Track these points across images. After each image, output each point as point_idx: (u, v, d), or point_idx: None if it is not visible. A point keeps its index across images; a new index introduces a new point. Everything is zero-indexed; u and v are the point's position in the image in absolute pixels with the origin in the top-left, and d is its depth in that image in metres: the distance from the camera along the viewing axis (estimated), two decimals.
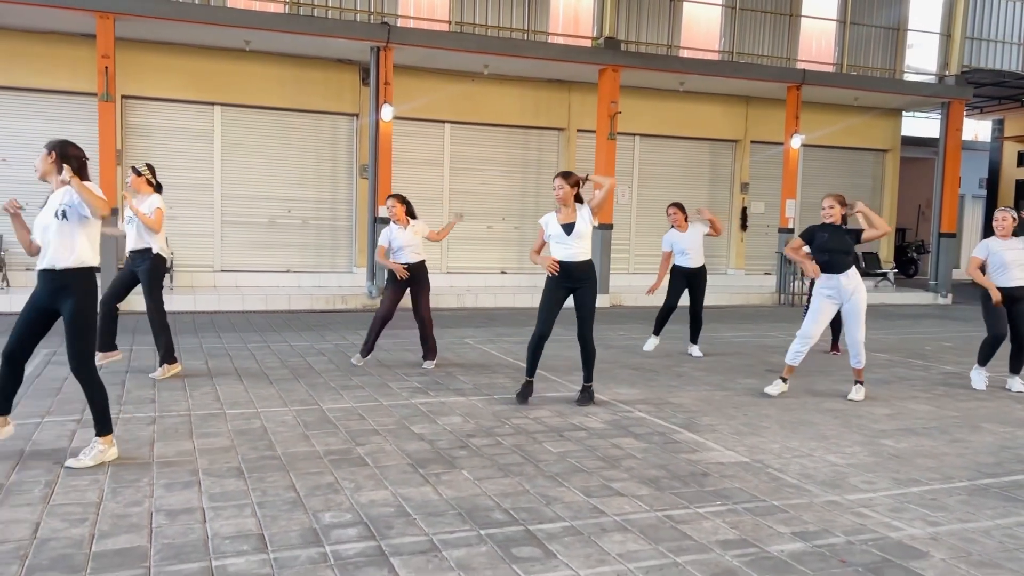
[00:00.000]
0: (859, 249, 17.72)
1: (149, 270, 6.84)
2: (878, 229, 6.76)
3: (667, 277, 8.99)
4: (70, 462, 4.46)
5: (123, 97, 12.83)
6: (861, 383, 6.92)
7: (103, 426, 4.55)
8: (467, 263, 15.39)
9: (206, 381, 6.82)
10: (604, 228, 14.44)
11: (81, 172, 4.50)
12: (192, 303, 11.99)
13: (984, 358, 7.52)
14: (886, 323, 12.94)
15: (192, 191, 13.61)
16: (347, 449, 4.92)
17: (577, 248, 6.14)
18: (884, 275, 18.00)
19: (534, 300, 13.93)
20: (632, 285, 15.15)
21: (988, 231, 22.13)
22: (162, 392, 6.34)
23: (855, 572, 3.37)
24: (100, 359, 7.10)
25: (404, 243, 7.61)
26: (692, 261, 8.83)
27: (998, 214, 7.36)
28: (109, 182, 11.54)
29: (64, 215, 4.41)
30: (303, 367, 7.59)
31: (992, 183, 22.30)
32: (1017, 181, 21.43)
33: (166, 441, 4.98)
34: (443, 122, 15.02)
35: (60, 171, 4.47)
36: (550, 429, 5.55)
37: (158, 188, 7.08)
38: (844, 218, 6.82)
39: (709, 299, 9.40)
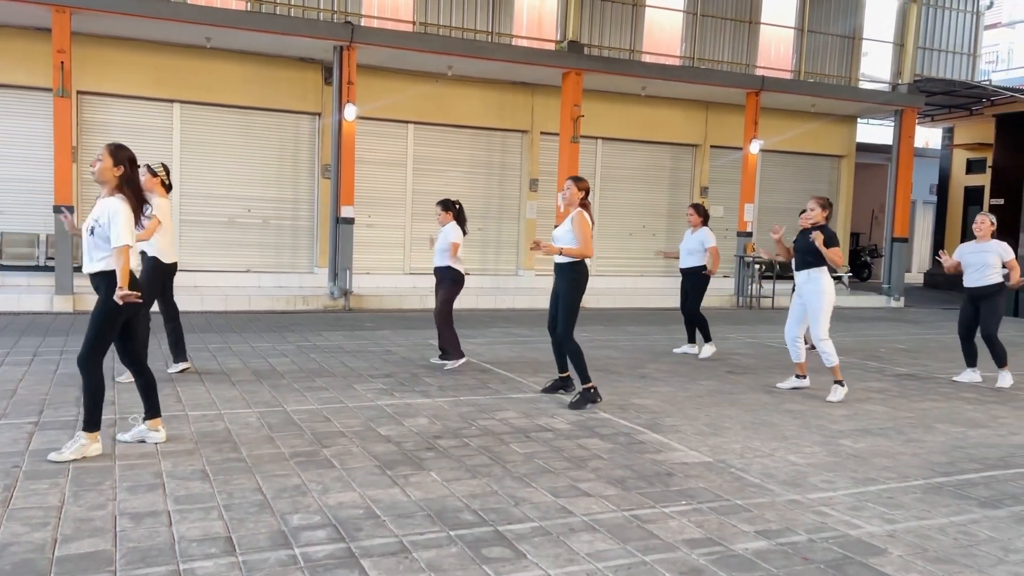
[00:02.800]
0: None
1: (145, 272, 6.72)
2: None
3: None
4: (52, 455, 4.49)
5: (79, 93, 12.56)
6: (839, 383, 7.05)
7: (89, 422, 4.60)
8: (430, 264, 15.28)
9: (167, 383, 6.70)
10: None
11: (133, 176, 4.71)
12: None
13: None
14: (841, 325, 13.21)
15: None
16: (313, 451, 4.89)
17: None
18: (839, 278, 18.36)
19: (497, 301, 13.99)
20: (593, 287, 15.15)
21: (938, 235, 22.77)
22: (122, 394, 6.22)
23: (817, 569, 3.45)
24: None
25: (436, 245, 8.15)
26: (682, 261, 9.27)
27: (978, 217, 8.07)
28: (64, 180, 11.30)
29: (92, 232, 4.62)
30: (265, 368, 7.51)
31: (942, 189, 22.88)
32: (966, 188, 22.02)
33: (127, 444, 4.90)
34: (407, 123, 14.97)
35: (118, 184, 4.63)
36: (516, 430, 5.58)
37: (168, 188, 6.96)
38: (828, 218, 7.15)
39: (666, 301, 9.57)
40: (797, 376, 7.39)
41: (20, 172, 12.47)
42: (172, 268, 6.98)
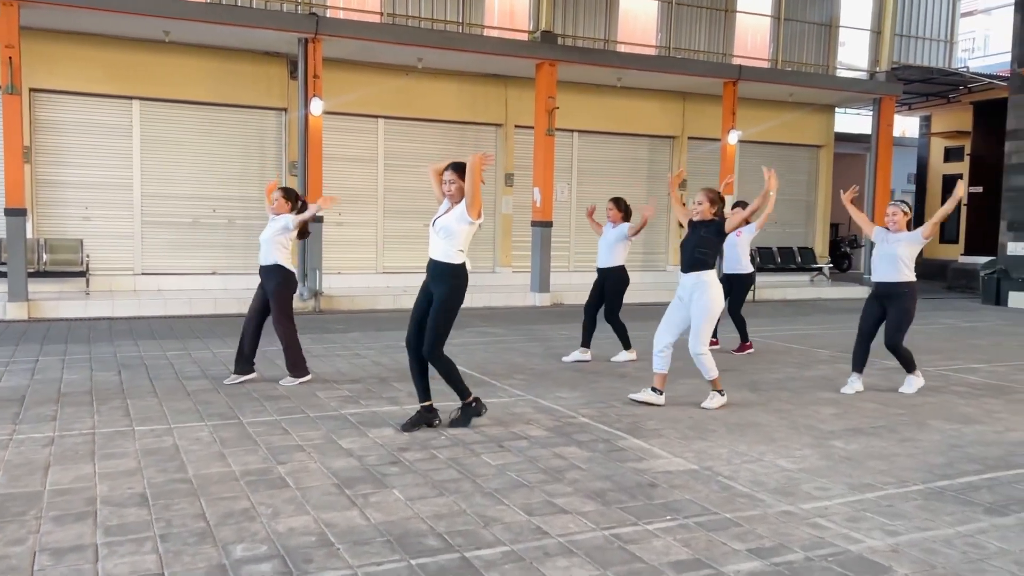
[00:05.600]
0: (795, 244, 17.47)
1: None
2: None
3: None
4: None
5: (31, 90, 12.04)
6: (717, 392, 6.33)
7: None
8: (404, 263, 14.93)
9: (117, 394, 6.29)
10: (543, 226, 14.19)
11: None
12: (110, 309, 11.31)
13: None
14: (824, 317, 12.98)
15: (110, 190, 12.87)
16: (266, 468, 4.50)
17: (435, 244, 5.30)
18: (819, 270, 18.18)
19: (472, 300, 13.57)
20: (572, 283, 14.93)
21: (918, 224, 22.59)
22: (66, 408, 5.80)
23: None
24: None
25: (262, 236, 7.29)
26: (598, 259, 8.56)
27: (890, 208, 7.09)
28: (15, 181, 10.78)
29: None
30: (225, 375, 7.08)
31: (920, 178, 22.76)
32: (944, 176, 21.90)
33: (63, 465, 4.48)
34: (376, 117, 14.54)
35: None
36: (489, 439, 5.22)
37: None
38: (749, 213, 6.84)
39: (645, 296, 9.05)
40: (654, 389, 6.32)
41: None
42: None
